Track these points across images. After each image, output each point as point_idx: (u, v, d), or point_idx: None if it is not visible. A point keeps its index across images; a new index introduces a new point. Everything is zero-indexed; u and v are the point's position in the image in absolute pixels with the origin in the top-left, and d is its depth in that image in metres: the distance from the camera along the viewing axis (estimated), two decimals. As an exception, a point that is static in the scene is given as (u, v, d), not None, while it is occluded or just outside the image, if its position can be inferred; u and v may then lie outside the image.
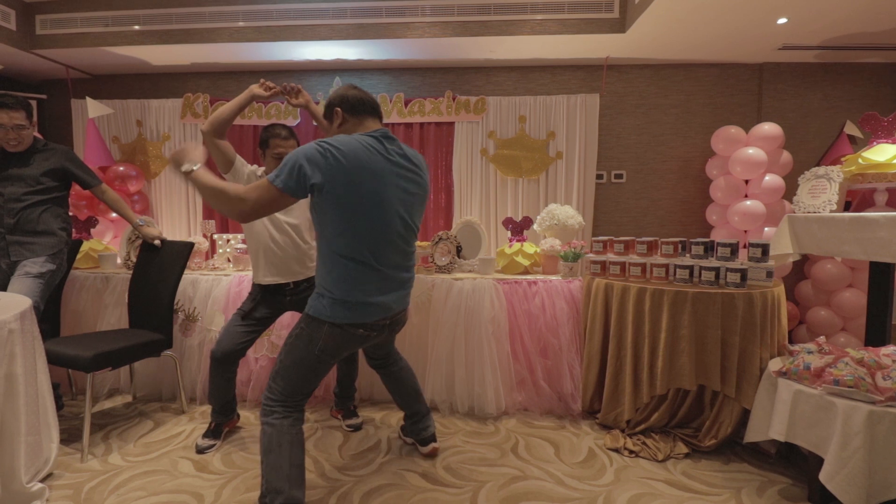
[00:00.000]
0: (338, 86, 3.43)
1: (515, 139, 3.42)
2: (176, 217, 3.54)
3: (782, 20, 2.75)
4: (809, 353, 1.80)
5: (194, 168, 1.45)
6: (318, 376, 1.59)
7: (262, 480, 1.48)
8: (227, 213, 1.43)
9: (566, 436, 2.23)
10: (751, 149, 3.03)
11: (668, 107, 3.53)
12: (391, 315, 1.60)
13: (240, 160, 2.09)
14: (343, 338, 1.52)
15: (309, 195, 1.44)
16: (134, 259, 2.79)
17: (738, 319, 1.94)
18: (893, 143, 2.11)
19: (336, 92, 1.62)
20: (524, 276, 2.56)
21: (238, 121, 3.42)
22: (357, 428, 2.30)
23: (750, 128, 3.24)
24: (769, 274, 2.06)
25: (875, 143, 2.16)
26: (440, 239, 2.72)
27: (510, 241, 2.73)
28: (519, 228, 2.73)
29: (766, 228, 3.06)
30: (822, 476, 1.58)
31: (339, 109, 1.58)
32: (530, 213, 3.44)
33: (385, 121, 3.42)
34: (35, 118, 2.09)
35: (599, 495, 1.78)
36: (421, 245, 2.78)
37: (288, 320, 2.46)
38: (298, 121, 3.46)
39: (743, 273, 1.97)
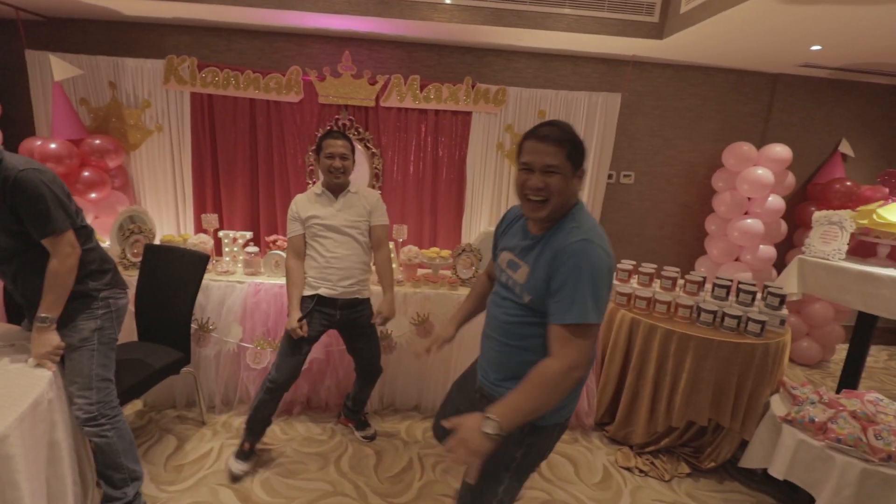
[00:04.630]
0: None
1: (533, 135, 3.31)
2: (161, 195, 3.23)
3: (816, 47, 2.75)
4: (812, 404, 2.03)
5: (495, 421, 1.08)
6: None
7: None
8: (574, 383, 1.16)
9: (581, 451, 2.44)
10: (760, 169, 3.13)
11: (682, 110, 3.52)
12: None
13: (298, 241, 2.11)
14: None
15: None
16: (131, 258, 2.56)
17: (753, 367, 2.13)
18: (908, 204, 2.26)
19: None
20: (547, 296, 2.61)
21: (233, 92, 3.08)
22: (371, 437, 2.41)
23: (756, 138, 3.33)
24: (782, 322, 2.24)
25: (891, 200, 2.31)
26: (462, 251, 2.69)
27: (533, 256, 2.75)
28: (542, 244, 2.74)
29: (761, 246, 3.25)
30: (813, 514, 1.86)
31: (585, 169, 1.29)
32: (541, 212, 3.43)
33: (398, 104, 3.20)
34: None
35: (620, 520, 2.00)
36: (442, 255, 2.75)
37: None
38: (302, 97, 3.14)
39: (763, 325, 2.14)
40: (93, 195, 2.91)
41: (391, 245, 2.75)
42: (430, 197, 3.39)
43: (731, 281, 2.39)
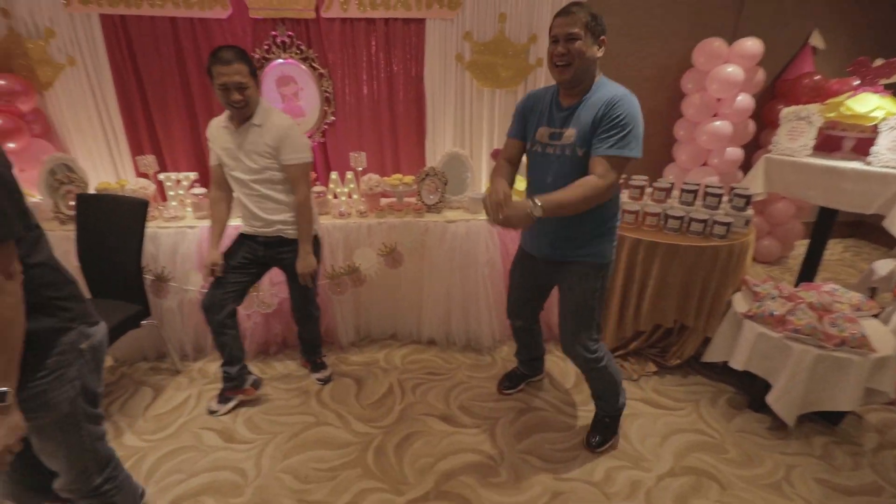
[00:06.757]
0: None
1: (494, 43, 3.05)
2: (89, 139, 2.91)
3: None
4: (773, 298, 2.10)
5: (538, 204, 1.38)
6: None
7: None
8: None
9: (554, 361, 2.53)
10: (730, 66, 3.00)
11: (653, 6, 3.27)
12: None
13: (217, 171, 2.01)
14: None
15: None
16: (66, 211, 2.35)
17: (717, 268, 2.16)
18: (876, 92, 2.20)
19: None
20: (516, 216, 2.55)
21: (149, 11, 2.69)
22: (325, 381, 2.35)
23: (728, 33, 3.15)
24: (747, 222, 2.26)
25: (860, 90, 2.24)
26: (426, 175, 2.56)
27: (500, 175, 2.64)
28: (509, 162, 2.62)
29: (728, 148, 3.21)
30: (769, 398, 2.00)
31: (605, 38, 1.49)
32: (505, 128, 3.27)
33: (342, 15, 2.87)
34: None
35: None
36: (405, 182, 2.62)
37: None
38: (230, 11, 2.76)
39: (728, 226, 2.14)
40: (11, 145, 2.59)
41: (350, 175, 2.61)
42: (389, 119, 3.16)
43: (699, 185, 2.36)
